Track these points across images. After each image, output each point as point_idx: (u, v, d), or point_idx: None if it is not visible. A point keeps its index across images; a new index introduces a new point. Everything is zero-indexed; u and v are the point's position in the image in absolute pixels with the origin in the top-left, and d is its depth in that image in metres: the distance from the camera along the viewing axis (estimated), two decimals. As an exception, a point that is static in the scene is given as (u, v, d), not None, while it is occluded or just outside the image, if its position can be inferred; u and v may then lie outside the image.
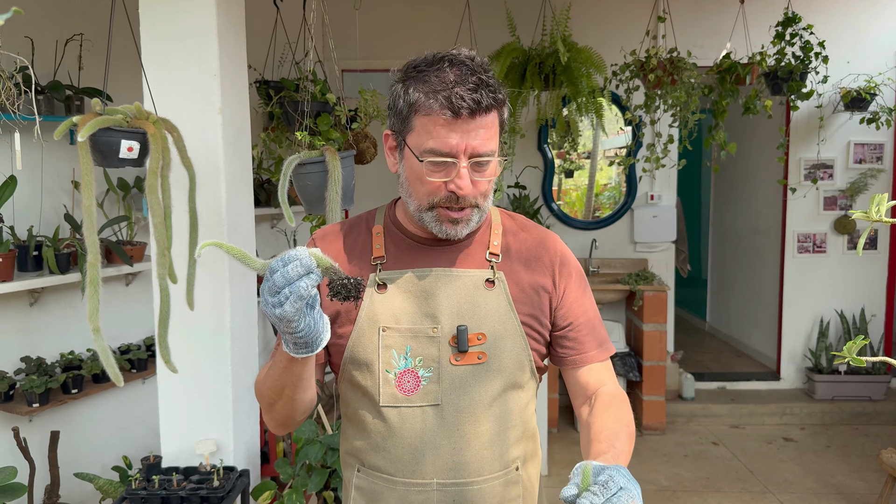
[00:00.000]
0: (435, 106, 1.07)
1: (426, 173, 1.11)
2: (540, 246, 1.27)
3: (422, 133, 1.10)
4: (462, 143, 1.08)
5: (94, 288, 1.75)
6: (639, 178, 4.94)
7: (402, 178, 1.18)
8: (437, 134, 1.08)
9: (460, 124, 1.07)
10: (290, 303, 0.93)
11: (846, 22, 4.78)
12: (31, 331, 2.96)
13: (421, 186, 1.13)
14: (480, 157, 1.10)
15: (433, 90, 1.08)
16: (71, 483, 2.91)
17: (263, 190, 3.77)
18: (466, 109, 1.06)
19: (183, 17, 2.30)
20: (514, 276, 1.22)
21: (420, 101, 1.09)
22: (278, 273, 0.93)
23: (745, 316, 5.95)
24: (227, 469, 2.38)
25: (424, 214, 1.15)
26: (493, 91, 1.09)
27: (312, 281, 0.93)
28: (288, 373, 1.09)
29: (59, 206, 3.05)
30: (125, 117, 1.89)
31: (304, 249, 0.95)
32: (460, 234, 1.16)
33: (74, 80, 3.08)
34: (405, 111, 1.12)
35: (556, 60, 3.68)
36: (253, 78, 3.32)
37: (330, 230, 1.30)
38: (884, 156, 4.88)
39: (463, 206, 1.13)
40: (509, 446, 1.21)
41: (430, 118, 1.08)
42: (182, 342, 2.36)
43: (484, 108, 1.08)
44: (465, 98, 1.06)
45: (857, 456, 4.14)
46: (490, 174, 1.14)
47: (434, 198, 1.13)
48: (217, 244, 0.95)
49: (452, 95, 1.06)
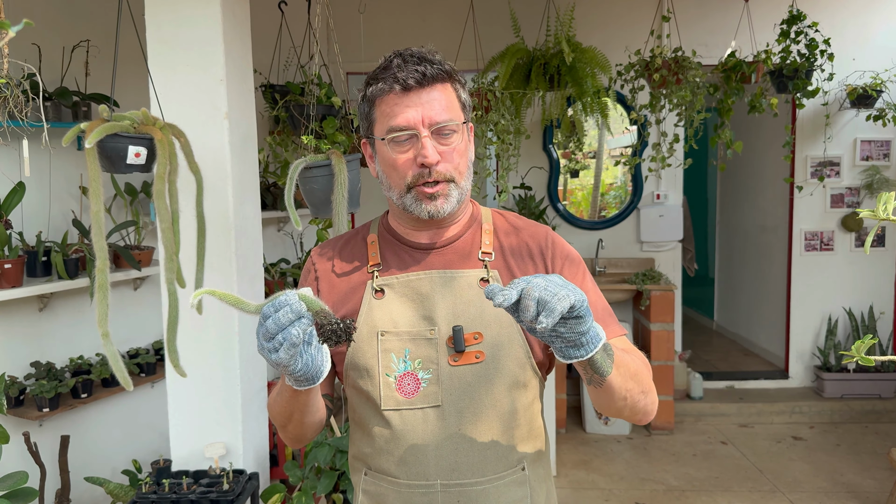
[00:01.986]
0: (385, 87, 1.14)
1: (392, 152, 1.16)
2: (531, 238, 1.27)
3: (381, 119, 1.17)
4: (418, 113, 1.13)
5: (103, 293, 1.76)
6: (645, 177, 4.94)
7: (381, 177, 1.22)
8: (394, 111, 1.14)
9: (412, 97, 1.13)
10: (284, 350, 0.94)
11: (851, 19, 4.76)
12: (40, 336, 2.98)
13: (394, 171, 1.17)
14: (441, 126, 1.14)
15: (382, 77, 1.15)
16: (81, 487, 2.93)
17: (270, 193, 3.79)
18: (414, 79, 1.12)
19: (189, 22, 2.32)
20: (510, 273, 1.23)
21: (374, 92, 1.17)
22: (270, 320, 0.94)
23: (752, 314, 5.93)
24: (236, 472, 2.39)
25: (405, 199, 1.18)
26: (439, 63, 1.15)
27: (304, 326, 0.94)
28: (294, 402, 1.12)
29: (68, 212, 3.07)
30: (132, 123, 1.90)
31: (294, 294, 0.96)
32: (441, 209, 1.17)
33: (81, 86, 3.10)
34: (366, 109, 1.20)
35: (560, 61, 3.68)
36: (258, 82, 3.33)
37: (327, 247, 1.33)
38: (890, 153, 4.86)
39: (437, 181, 1.15)
40: (514, 446, 1.21)
41: (385, 99, 1.15)
42: (191, 346, 2.38)
43: (430, 78, 1.14)
44: (410, 72, 1.13)
45: (867, 454, 4.12)
46: (455, 143, 1.17)
47: (407, 177, 1.16)
48: (210, 292, 0.97)
49: (398, 73, 1.13)
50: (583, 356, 0.98)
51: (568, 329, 0.94)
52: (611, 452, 4.20)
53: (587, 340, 0.97)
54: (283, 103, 3.31)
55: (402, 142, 1.15)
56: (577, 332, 0.95)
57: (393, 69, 1.14)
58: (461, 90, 1.20)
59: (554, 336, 0.96)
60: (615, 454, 4.18)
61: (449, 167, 1.16)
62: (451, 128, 1.15)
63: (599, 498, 3.61)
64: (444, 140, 1.16)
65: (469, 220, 1.28)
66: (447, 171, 1.16)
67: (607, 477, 3.86)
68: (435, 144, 1.14)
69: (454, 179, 1.17)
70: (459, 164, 1.18)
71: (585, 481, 3.80)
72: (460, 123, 1.17)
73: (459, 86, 1.20)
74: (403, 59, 1.15)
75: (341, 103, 3.06)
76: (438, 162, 1.14)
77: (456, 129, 1.16)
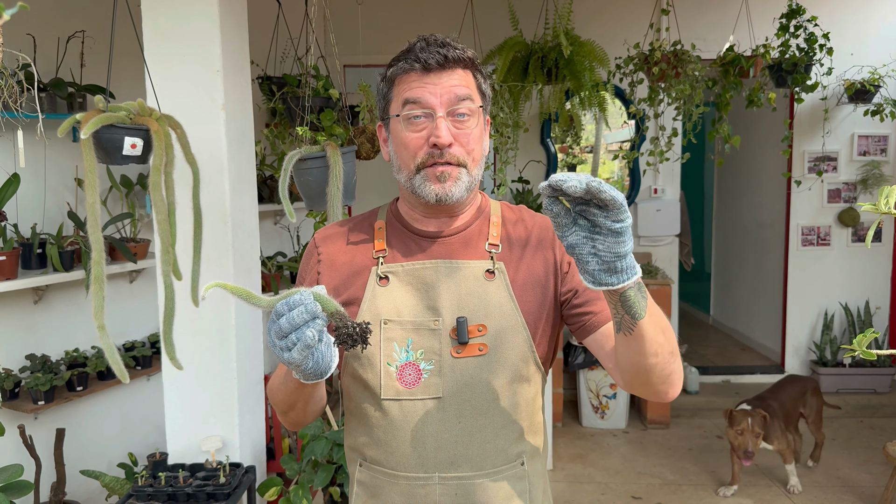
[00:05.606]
0: (406, 66, 1.14)
1: (405, 129, 1.15)
2: (540, 229, 1.26)
3: (399, 96, 1.16)
4: (436, 92, 1.13)
5: (99, 285, 1.75)
6: (643, 171, 4.93)
7: (393, 158, 1.21)
8: (412, 87, 1.14)
9: (432, 78, 1.13)
10: (298, 350, 0.93)
11: (850, 14, 4.76)
12: (35, 328, 2.96)
13: (405, 151, 1.16)
14: (458, 108, 1.13)
15: (405, 58, 1.15)
16: (77, 480, 2.92)
17: (266, 186, 3.77)
18: (435, 60, 1.12)
19: (185, 13, 2.30)
20: (516, 266, 1.21)
21: (394, 71, 1.17)
22: (284, 318, 0.93)
23: (749, 309, 5.94)
24: (233, 465, 2.39)
25: (414, 180, 1.16)
26: (462, 50, 1.15)
27: (318, 326, 0.93)
28: (299, 392, 1.13)
29: (63, 204, 3.05)
30: (128, 114, 1.89)
31: (309, 294, 0.94)
32: (449, 192, 1.15)
33: (77, 77, 3.07)
34: (384, 89, 1.20)
35: (558, 54, 3.67)
36: (255, 74, 3.31)
37: (332, 230, 1.30)
38: (888, 147, 4.86)
39: (449, 161, 1.14)
40: (515, 440, 1.20)
41: (404, 78, 1.15)
42: (187, 339, 2.37)
43: (452, 61, 1.14)
44: (432, 53, 1.13)
45: (863, 449, 4.13)
46: (471, 127, 1.16)
47: (418, 157, 1.15)
48: (222, 285, 0.95)
49: (420, 53, 1.13)
50: (615, 284, 0.91)
51: (606, 247, 0.88)
52: (607, 446, 4.21)
53: (624, 266, 0.90)
54: (280, 95, 3.30)
55: (417, 120, 1.14)
56: (615, 252, 0.88)
57: (416, 51, 1.14)
58: (482, 80, 1.20)
59: (591, 255, 0.89)
60: (611, 448, 4.18)
61: (462, 151, 1.15)
62: (468, 110, 1.15)
63: (596, 492, 3.62)
64: (460, 123, 1.14)
65: (477, 210, 1.26)
66: (460, 154, 1.14)
67: (604, 471, 3.86)
68: (449, 126, 1.13)
69: (466, 165, 1.16)
70: (474, 149, 1.16)
71: (582, 475, 3.81)
72: (477, 107, 1.17)
73: (480, 76, 1.20)
74: (427, 42, 1.15)
75: (338, 95, 3.04)
76: (451, 144, 1.13)
77: (472, 112, 1.15)
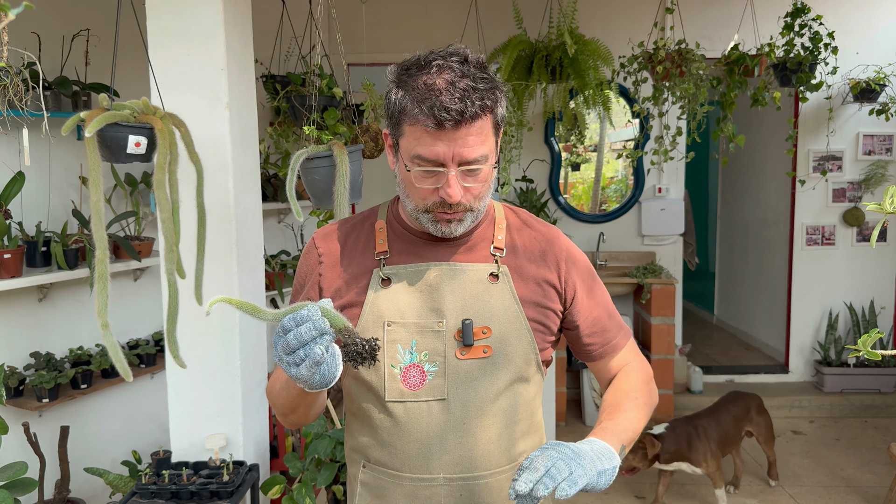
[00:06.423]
0: (420, 116, 1.06)
1: (416, 180, 1.11)
2: (546, 242, 1.26)
3: (410, 139, 1.10)
4: (449, 151, 1.07)
5: (103, 283, 1.75)
6: (647, 170, 4.92)
7: (399, 179, 1.18)
8: (424, 142, 1.08)
9: (446, 134, 1.06)
10: (306, 367, 0.94)
11: (855, 12, 4.74)
12: (39, 326, 2.97)
13: (414, 191, 1.14)
14: (470, 164, 1.09)
15: (419, 98, 1.06)
16: (81, 478, 2.92)
17: (270, 185, 3.77)
18: (450, 122, 1.04)
19: (189, 11, 2.30)
20: (520, 272, 1.22)
21: (407, 108, 1.08)
22: (291, 334, 0.93)
23: (753, 309, 5.92)
24: (236, 463, 2.39)
25: (421, 216, 1.16)
26: (481, 97, 1.06)
27: (326, 342, 0.94)
28: (302, 399, 1.13)
29: (67, 202, 3.06)
30: (132, 112, 1.89)
31: (316, 308, 0.94)
32: (455, 232, 1.17)
33: (81, 75, 3.08)
34: (395, 116, 1.12)
35: (563, 53, 3.66)
36: (260, 72, 3.32)
37: (331, 229, 1.29)
38: (893, 147, 4.85)
39: (456, 210, 1.14)
40: (516, 440, 1.21)
41: (416, 127, 1.08)
42: (191, 337, 2.37)
43: (469, 117, 1.05)
44: (448, 110, 1.04)
45: (867, 449, 4.12)
46: (482, 179, 1.13)
47: (427, 202, 1.13)
48: (227, 300, 0.95)
49: (436, 106, 1.04)
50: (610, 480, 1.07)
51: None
52: (610, 446, 4.20)
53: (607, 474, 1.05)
54: (285, 94, 3.29)
55: (426, 171, 1.10)
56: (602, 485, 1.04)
57: (433, 94, 1.05)
58: (499, 110, 1.12)
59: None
60: (615, 447, 4.17)
61: (470, 199, 1.14)
62: (479, 164, 1.10)
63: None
64: (471, 176, 1.12)
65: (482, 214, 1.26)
66: (468, 202, 1.14)
67: (607, 470, 3.85)
68: (460, 180, 1.10)
69: (472, 208, 1.15)
70: (481, 191, 1.15)
71: (585, 474, 3.80)
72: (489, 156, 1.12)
73: (499, 107, 1.12)
74: (447, 82, 1.06)
75: (343, 94, 3.04)
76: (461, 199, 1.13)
77: (483, 163, 1.11)
